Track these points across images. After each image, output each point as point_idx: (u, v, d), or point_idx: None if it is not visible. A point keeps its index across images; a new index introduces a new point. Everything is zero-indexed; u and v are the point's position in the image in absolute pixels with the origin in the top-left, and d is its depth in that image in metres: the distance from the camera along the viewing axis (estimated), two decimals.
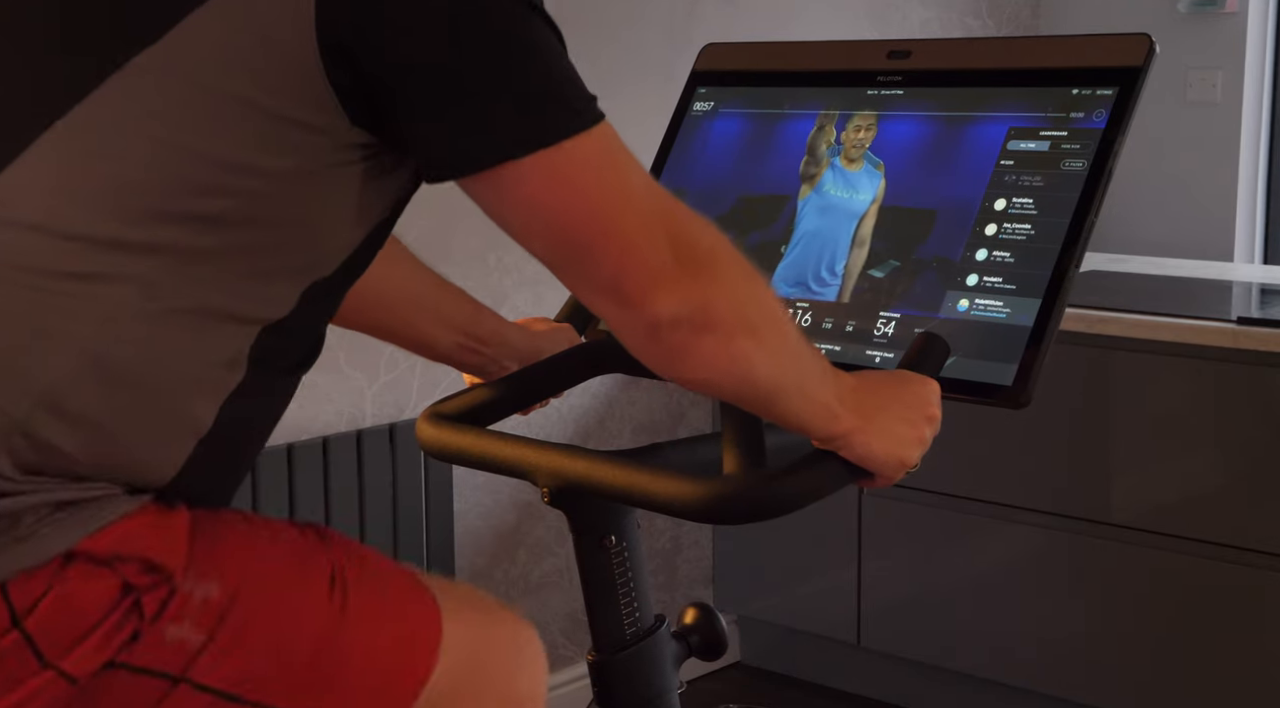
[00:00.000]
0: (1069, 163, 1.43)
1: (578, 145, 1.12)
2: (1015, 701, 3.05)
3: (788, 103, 1.65)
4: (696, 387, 1.21)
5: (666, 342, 1.16)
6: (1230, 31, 3.66)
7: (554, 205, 1.12)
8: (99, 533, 1.07)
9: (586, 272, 1.16)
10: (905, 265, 1.49)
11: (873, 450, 1.30)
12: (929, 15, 3.72)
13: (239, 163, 1.09)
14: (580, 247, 1.14)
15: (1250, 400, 2.71)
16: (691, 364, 1.17)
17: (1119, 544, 2.86)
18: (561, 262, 1.17)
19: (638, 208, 1.15)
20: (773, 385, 1.23)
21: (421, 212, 2.75)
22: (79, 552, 1.06)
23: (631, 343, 1.18)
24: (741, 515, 1.31)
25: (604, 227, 1.13)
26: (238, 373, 1.13)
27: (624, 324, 1.17)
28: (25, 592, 1.05)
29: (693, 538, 3.42)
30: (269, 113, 1.09)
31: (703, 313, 1.16)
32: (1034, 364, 1.37)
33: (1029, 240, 1.43)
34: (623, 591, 1.47)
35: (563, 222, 1.13)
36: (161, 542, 1.09)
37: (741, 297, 1.20)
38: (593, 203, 1.13)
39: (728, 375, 1.19)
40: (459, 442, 1.48)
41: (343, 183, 1.14)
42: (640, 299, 1.14)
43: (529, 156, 1.10)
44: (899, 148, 1.55)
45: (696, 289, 1.15)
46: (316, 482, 2.60)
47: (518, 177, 1.11)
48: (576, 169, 1.12)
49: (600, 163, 1.13)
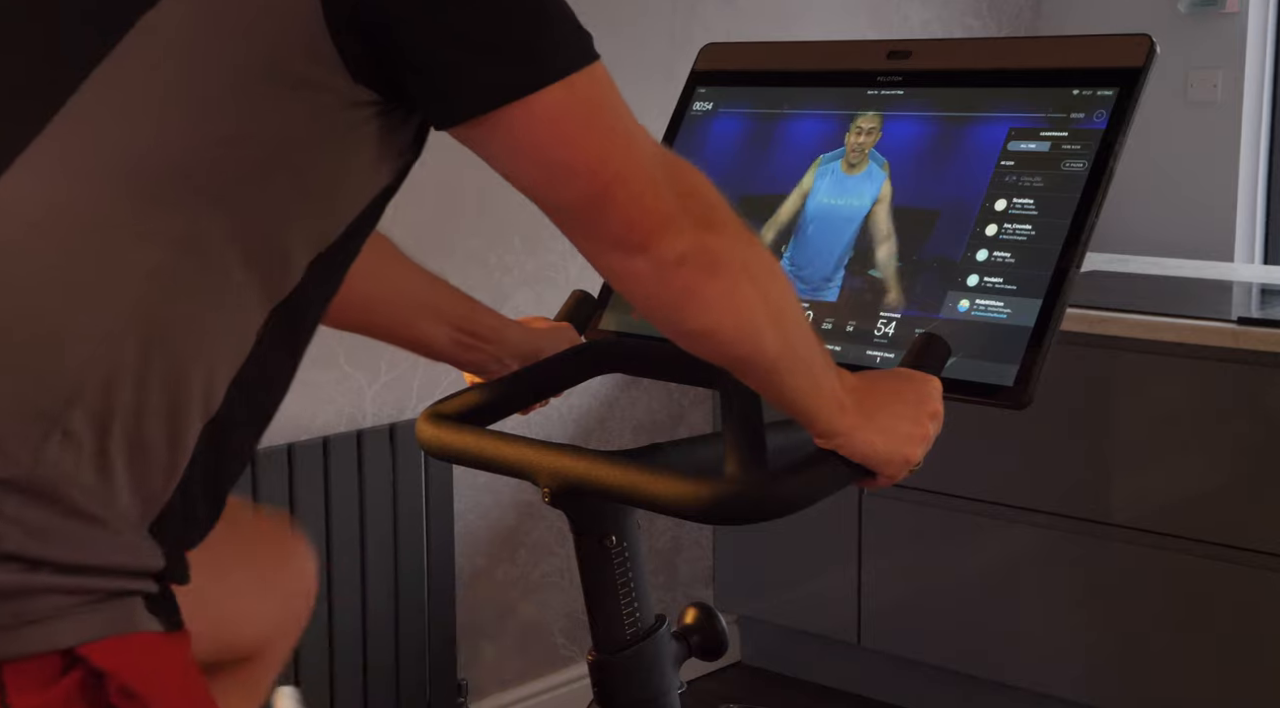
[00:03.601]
0: (1069, 163, 1.43)
1: (580, 83, 1.11)
2: (1015, 701, 3.05)
3: (787, 103, 1.65)
4: (704, 341, 1.20)
5: (674, 283, 1.16)
6: (1230, 31, 3.66)
7: (560, 148, 1.12)
8: (108, 641, 1.06)
9: (595, 222, 1.15)
10: (906, 265, 1.49)
11: (876, 448, 1.30)
12: (929, 15, 3.72)
13: (245, 129, 1.09)
14: (590, 196, 1.13)
15: (1250, 400, 2.71)
16: (699, 307, 1.17)
17: (1119, 544, 2.86)
18: (571, 213, 1.16)
19: (643, 155, 1.15)
20: (778, 349, 1.22)
21: (422, 211, 2.76)
22: (83, 657, 1.05)
23: (639, 291, 1.18)
24: (743, 516, 1.31)
25: (614, 173, 1.13)
26: (245, 351, 1.13)
27: (631, 273, 1.16)
28: (23, 679, 1.03)
29: (693, 538, 3.42)
30: (274, 73, 1.08)
31: (709, 254, 1.16)
32: (1035, 365, 1.37)
33: (1030, 241, 1.43)
34: (623, 591, 1.47)
35: (571, 167, 1.12)
36: (153, 669, 1.09)
37: (745, 245, 1.20)
38: (600, 146, 1.13)
39: (733, 326, 1.19)
40: (459, 442, 1.48)
41: (348, 145, 1.13)
42: (648, 242, 1.14)
43: (532, 95, 1.09)
44: (900, 148, 1.55)
45: (703, 234, 1.16)
46: (316, 482, 2.60)
47: (523, 117, 1.10)
48: (580, 107, 1.12)
49: (602, 102, 1.13)
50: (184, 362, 1.09)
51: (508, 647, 3.07)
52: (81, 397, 1.05)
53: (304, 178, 1.12)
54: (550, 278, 3.01)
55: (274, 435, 2.58)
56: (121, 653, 1.07)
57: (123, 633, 1.07)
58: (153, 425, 1.08)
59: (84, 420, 1.05)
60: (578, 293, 1.70)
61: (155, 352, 1.08)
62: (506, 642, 3.07)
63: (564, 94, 1.10)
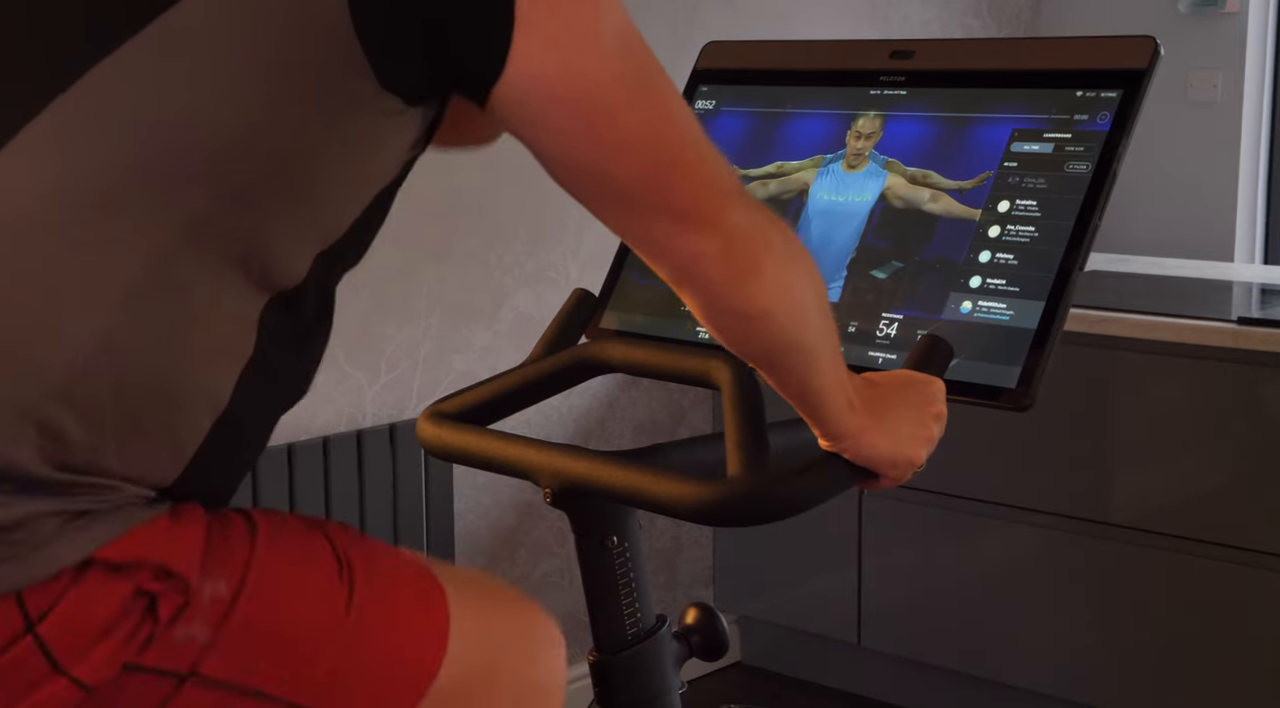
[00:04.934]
0: (1073, 165, 1.43)
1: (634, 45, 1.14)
2: (1015, 701, 3.05)
3: (790, 102, 1.65)
4: (763, 321, 1.20)
5: (741, 256, 1.16)
6: (1230, 31, 3.65)
7: (619, 115, 1.12)
8: (115, 542, 1.06)
9: (660, 196, 1.15)
10: (908, 266, 1.49)
11: (881, 451, 1.30)
12: (930, 15, 3.72)
13: (258, 123, 1.08)
14: (654, 167, 1.13)
15: (1250, 400, 2.71)
16: (761, 285, 1.17)
17: (1119, 544, 2.86)
18: (632, 189, 1.15)
19: (692, 126, 1.16)
20: (821, 336, 1.23)
21: (422, 211, 2.76)
22: (94, 559, 1.05)
23: (705, 271, 1.17)
24: (745, 518, 1.31)
25: (678, 142, 1.14)
26: (249, 346, 1.12)
27: (699, 252, 1.16)
28: (40, 598, 1.04)
29: (693, 538, 3.42)
30: (295, 70, 1.08)
31: (764, 230, 1.17)
32: (1037, 367, 1.37)
33: (1032, 242, 1.43)
34: (624, 591, 1.47)
35: (629, 139, 1.12)
36: (177, 548, 1.08)
37: (785, 226, 1.22)
38: (661, 114, 1.14)
39: (792, 307, 1.19)
40: (460, 441, 1.48)
41: (363, 146, 1.12)
42: (717, 214, 1.15)
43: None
44: (902, 148, 1.55)
45: (755, 210, 1.18)
46: (317, 482, 2.60)
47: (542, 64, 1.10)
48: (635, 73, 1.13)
49: (654, 70, 1.16)
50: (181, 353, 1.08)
51: None
52: (69, 389, 1.04)
53: (314, 174, 1.11)
54: (550, 278, 3.01)
55: (274, 435, 2.57)
56: (136, 544, 1.06)
57: (126, 529, 1.07)
58: (149, 416, 1.08)
59: (69, 413, 1.04)
60: (578, 292, 1.70)
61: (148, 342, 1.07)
62: None
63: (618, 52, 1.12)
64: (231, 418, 1.12)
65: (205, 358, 1.10)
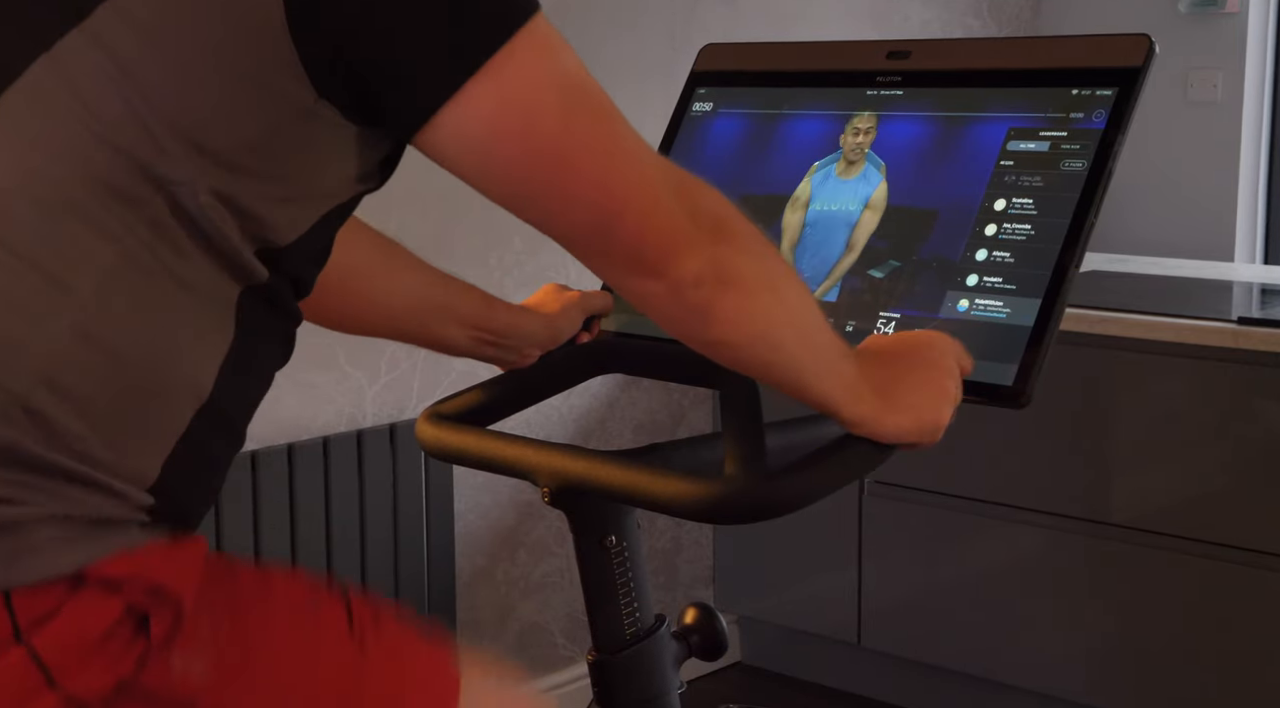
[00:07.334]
0: (1069, 163, 1.44)
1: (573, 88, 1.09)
2: (1015, 701, 3.06)
3: (788, 103, 1.65)
4: (725, 350, 1.20)
5: (691, 302, 1.15)
6: (1230, 31, 3.66)
7: (560, 171, 1.10)
8: (109, 558, 1.05)
9: (606, 247, 1.14)
10: (905, 266, 1.49)
11: (903, 427, 1.29)
12: (929, 15, 3.73)
13: (205, 123, 1.06)
14: (597, 222, 1.12)
15: (1250, 401, 2.71)
16: (718, 323, 1.17)
17: (1119, 544, 2.87)
18: (580, 239, 1.15)
19: (645, 170, 1.13)
20: (798, 350, 1.22)
21: (422, 211, 2.76)
22: (90, 574, 1.04)
23: (658, 311, 1.17)
24: (743, 516, 1.31)
25: (620, 196, 1.11)
26: (228, 336, 1.11)
27: (648, 294, 1.16)
28: (32, 606, 1.03)
29: (693, 538, 3.42)
30: (233, 67, 1.06)
31: (724, 269, 1.15)
32: (1034, 364, 1.37)
33: (1029, 241, 1.43)
34: (623, 591, 1.47)
35: (572, 193, 1.10)
36: (172, 569, 1.08)
37: (758, 254, 1.19)
38: (603, 167, 1.11)
39: (754, 336, 1.19)
40: (459, 441, 1.48)
41: (304, 147, 1.10)
42: (663, 265, 1.13)
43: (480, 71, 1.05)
44: (899, 148, 1.55)
45: (716, 249, 1.15)
46: (317, 482, 2.60)
47: (474, 112, 1.07)
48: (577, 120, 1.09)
49: (600, 112, 1.11)
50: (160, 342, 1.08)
51: (508, 647, 3.07)
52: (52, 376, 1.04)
53: (264, 170, 1.09)
54: (550, 278, 3.01)
55: (274, 435, 2.58)
56: (132, 562, 1.06)
57: (127, 548, 1.06)
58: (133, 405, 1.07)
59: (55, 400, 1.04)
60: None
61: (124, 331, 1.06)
62: (506, 642, 3.07)
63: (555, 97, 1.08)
64: (213, 409, 1.11)
65: (186, 347, 1.09)
